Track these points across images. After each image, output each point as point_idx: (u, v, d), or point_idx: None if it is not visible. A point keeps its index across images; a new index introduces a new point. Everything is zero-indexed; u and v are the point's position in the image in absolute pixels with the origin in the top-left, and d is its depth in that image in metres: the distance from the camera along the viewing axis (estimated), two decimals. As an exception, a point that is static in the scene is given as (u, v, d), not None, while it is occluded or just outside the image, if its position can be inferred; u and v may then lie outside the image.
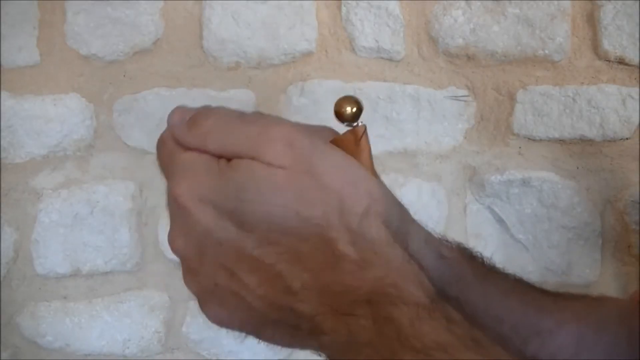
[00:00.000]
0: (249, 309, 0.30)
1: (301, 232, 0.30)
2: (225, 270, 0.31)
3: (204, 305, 0.32)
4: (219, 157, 0.32)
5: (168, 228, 0.33)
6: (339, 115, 0.35)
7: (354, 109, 0.35)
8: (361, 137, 0.35)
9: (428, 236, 0.39)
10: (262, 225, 0.30)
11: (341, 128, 0.35)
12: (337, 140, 0.35)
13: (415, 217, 0.40)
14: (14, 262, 0.86)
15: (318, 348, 0.30)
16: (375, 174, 0.35)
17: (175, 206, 0.32)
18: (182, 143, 0.33)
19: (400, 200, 0.39)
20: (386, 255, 0.30)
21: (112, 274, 0.88)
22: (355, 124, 0.35)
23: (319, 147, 0.32)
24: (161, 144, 0.35)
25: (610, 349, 0.40)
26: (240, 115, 0.33)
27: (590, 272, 0.89)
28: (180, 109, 0.34)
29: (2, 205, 0.85)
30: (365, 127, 0.35)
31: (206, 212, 0.31)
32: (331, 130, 0.37)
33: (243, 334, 0.33)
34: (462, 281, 0.39)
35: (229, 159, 0.32)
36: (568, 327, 0.40)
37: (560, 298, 0.42)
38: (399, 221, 0.36)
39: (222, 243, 0.30)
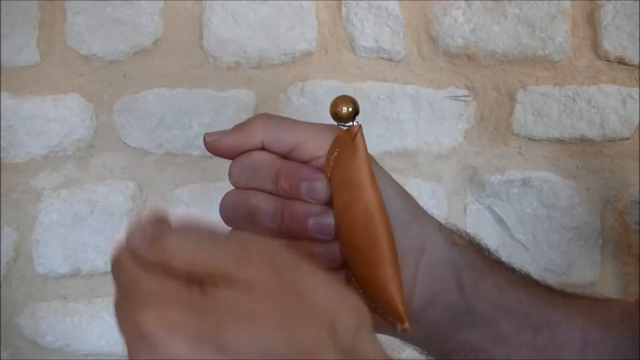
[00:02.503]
0: None
1: (290, 357, 0.27)
2: None
3: None
4: (189, 279, 0.28)
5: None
6: (335, 115, 0.35)
7: (350, 109, 0.35)
8: (355, 136, 0.34)
9: (440, 225, 0.40)
10: (247, 354, 0.27)
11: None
12: (335, 140, 0.35)
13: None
14: (14, 262, 0.86)
15: None
16: (371, 174, 0.35)
17: (138, 336, 0.28)
18: (144, 259, 0.29)
19: (407, 192, 0.40)
20: None
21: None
22: (351, 123, 0.35)
23: (300, 265, 0.30)
24: (118, 261, 0.31)
25: (615, 347, 0.40)
26: (210, 233, 0.30)
27: (590, 272, 0.89)
28: (139, 226, 0.31)
29: (2, 205, 0.85)
30: (360, 126, 0.35)
31: (179, 343, 0.27)
32: (335, 128, 0.37)
33: None
34: (474, 268, 0.39)
35: (200, 282, 0.28)
36: (574, 321, 0.40)
37: (565, 294, 0.42)
38: (411, 213, 0.36)
39: None
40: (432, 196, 0.87)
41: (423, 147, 0.87)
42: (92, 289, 0.88)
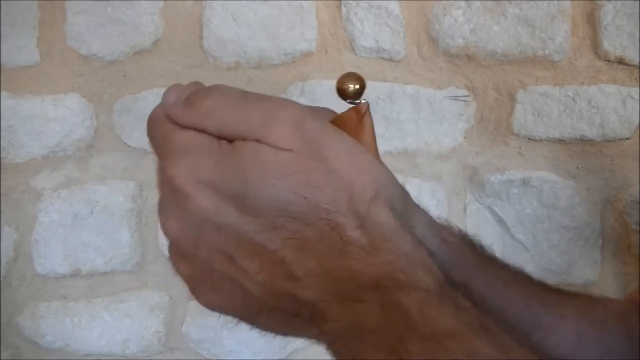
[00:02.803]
0: (246, 295, 0.29)
1: (308, 217, 0.28)
2: (223, 256, 0.29)
3: (195, 290, 0.31)
4: (220, 138, 0.30)
5: (158, 207, 0.31)
6: (342, 92, 0.34)
7: (357, 86, 0.34)
8: (364, 114, 0.34)
9: (431, 220, 0.39)
10: (267, 210, 0.28)
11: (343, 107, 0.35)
12: (339, 118, 0.34)
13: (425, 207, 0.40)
14: (14, 262, 0.86)
15: (318, 335, 0.28)
16: (377, 153, 0.35)
17: (170, 187, 0.30)
18: (179, 122, 0.31)
19: (401, 184, 0.39)
20: (395, 241, 0.29)
21: (112, 274, 0.88)
22: (358, 101, 0.34)
23: (327, 130, 0.30)
24: (154, 121, 0.32)
25: (611, 346, 0.40)
26: (243, 95, 0.31)
27: (590, 272, 0.89)
28: (176, 87, 0.32)
29: (2, 205, 0.85)
30: (368, 104, 0.34)
31: (206, 195, 0.29)
32: (331, 112, 0.37)
33: (236, 320, 0.31)
34: (466, 267, 0.39)
35: (230, 141, 0.30)
36: (569, 322, 0.40)
37: (560, 293, 0.42)
38: (403, 205, 0.36)
39: (223, 227, 0.29)
40: (432, 196, 0.87)
41: (423, 147, 0.87)
42: (92, 289, 0.88)
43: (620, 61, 0.85)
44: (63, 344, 0.88)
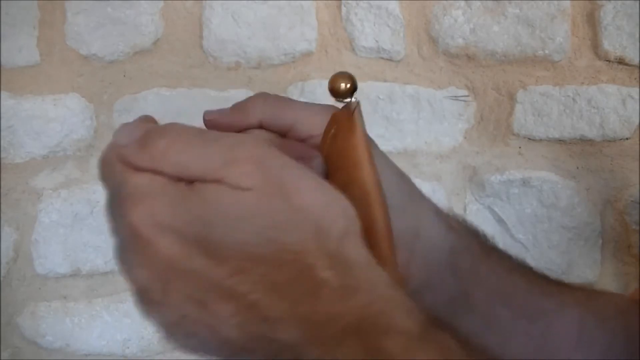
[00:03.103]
0: (223, 338, 0.28)
1: (276, 259, 0.27)
2: (194, 301, 0.28)
3: (170, 337, 0.30)
4: (177, 180, 0.28)
5: (117, 254, 0.30)
6: (333, 91, 0.34)
7: (348, 85, 0.34)
8: (353, 111, 0.34)
9: (437, 209, 0.39)
10: (232, 253, 0.27)
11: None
12: (335, 116, 0.35)
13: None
14: (14, 262, 0.86)
15: None
16: (368, 152, 0.34)
17: (130, 234, 0.28)
18: (132, 165, 0.29)
19: (404, 173, 0.39)
20: (369, 280, 0.28)
21: (112, 274, 0.88)
22: (348, 100, 0.34)
23: (290, 166, 0.29)
24: (106, 164, 0.31)
25: (609, 340, 0.40)
26: (200, 133, 0.30)
27: (590, 272, 0.89)
28: (127, 126, 0.31)
29: (2, 205, 0.85)
30: (358, 102, 0.34)
31: (168, 240, 0.27)
32: (332, 107, 0.36)
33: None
34: (471, 253, 0.39)
35: (189, 182, 0.28)
36: (571, 312, 0.40)
37: (561, 284, 0.42)
38: (408, 195, 0.36)
39: (189, 273, 0.27)
40: (432, 196, 0.86)
41: (423, 147, 0.87)
42: (92, 289, 0.88)
43: (620, 61, 0.85)
44: (63, 344, 0.88)
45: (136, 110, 0.84)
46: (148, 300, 0.29)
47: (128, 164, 0.29)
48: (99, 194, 0.86)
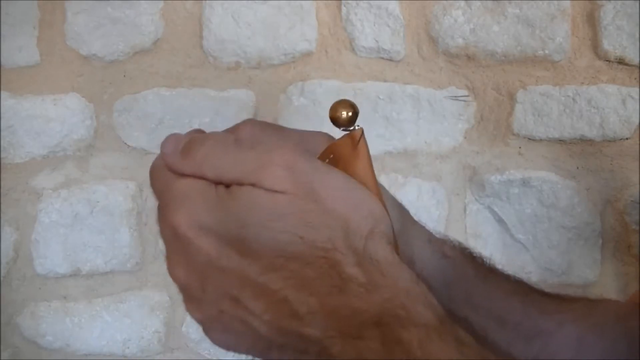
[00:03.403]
0: (255, 334, 0.30)
1: (306, 257, 0.29)
2: (229, 298, 0.30)
3: (208, 332, 0.32)
4: (217, 183, 0.31)
5: (165, 255, 0.32)
6: (335, 120, 0.34)
7: (350, 113, 0.34)
8: (359, 140, 0.34)
9: (431, 236, 0.39)
10: (266, 251, 0.29)
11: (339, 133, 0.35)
12: (334, 145, 0.35)
13: (415, 217, 0.40)
14: (14, 262, 0.86)
15: None
16: (374, 178, 0.35)
17: (173, 235, 0.31)
18: (177, 171, 0.32)
19: (400, 202, 0.39)
20: (394, 277, 0.30)
21: (112, 274, 0.88)
22: (352, 127, 0.34)
23: (320, 169, 0.31)
24: (154, 171, 0.34)
25: (610, 349, 0.40)
26: (237, 141, 0.32)
27: (590, 272, 0.89)
28: (173, 137, 0.33)
29: (2, 205, 0.85)
30: (362, 130, 0.34)
31: (207, 240, 0.30)
32: (327, 136, 0.37)
33: (249, 357, 0.32)
34: (466, 280, 0.39)
35: (227, 186, 0.31)
36: (568, 328, 0.40)
37: (559, 299, 0.42)
38: (401, 224, 0.36)
39: (226, 270, 0.30)
40: (432, 196, 0.87)
41: (423, 147, 0.87)
42: (92, 289, 0.88)
43: (620, 61, 0.85)
44: (63, 344, 0.88)
45: (136, 110, 0.84)
46: (189, 297, 0.32)
47: (173, 170, 0.32)
48: (99, 194, 0.86)
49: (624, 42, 0.84)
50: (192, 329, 0.89)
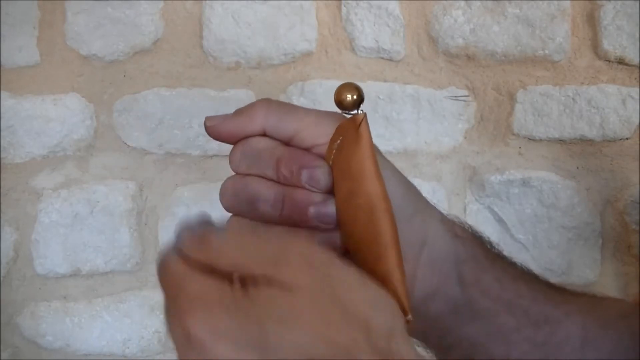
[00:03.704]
0: None
1: (328, 358, 0.28)
2: None
3: None
4: (231, 279, 0.30)
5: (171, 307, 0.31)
6: (339, 103, 0.34)
7: (354, 96, 0.34)
8: (360, 124, 0.34)
9: (442, 217, 0.40)
10: (287, 353, 0.28)
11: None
12: (340, 127, 0.34)
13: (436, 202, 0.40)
14: (14, 262, 0.86)
15: None
16: (375, 164, 0.35)
17: (186, 340, 0.29)
18: (191, 261, 0.31)
19: (412, 183, 0.39)
20: None
21: (112, 274, 0.88)
22: (355, 111, 0.34)
23: (336, 264, 0.30)
24: (166, 264, 0.32)
25: (615, 345, 0.40)
26: (253, 231, 0.31)
27: (590, 272, 0.89)
28: (187, 227, 0.32)
29: (2, 205, 0.85)
30: (365, 114, 0.34)
31: (225, 346, 0.28)
32: (341, 116, 0.36)
33: None
34: (476, 262, 0.39)
35: (243, 283, 0.29)
36: (574, 319, 0.40)
37: (565, 291, 0.42)
38: (415, 205, 0.36)
39: None
40: (432, 196, 0.87)
41: (423, 147, 0.87)
42: (92, 289, 0.88)
43: (620, 61, 0.85)
44: (63, 344, 0.88)
45: (136, 110, 0.84)
46: None
47: (186, 263, 0.30)
48: (99, 194, 0.86)
49: (624, 42, 0.84)
50: (192, 329, 0.89)
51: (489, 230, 0.89)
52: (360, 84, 0.91)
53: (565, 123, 0.86)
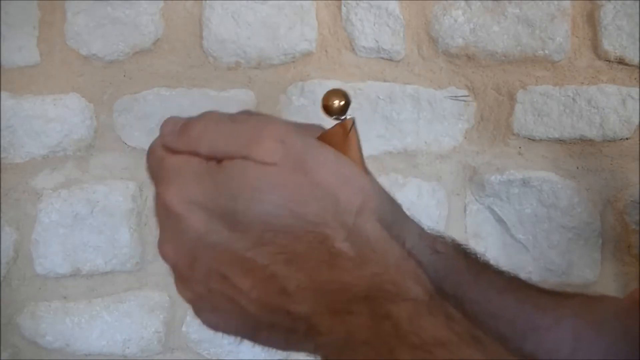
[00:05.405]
0: (244, 313, 0.30)
1: (295, 231, 0.29)
2: (218, 275, 0.30)
3: (198, 312, 0.32)
4: (210, 159, 0.31)
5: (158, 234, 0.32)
6: (327, 108, 0.34)
7: (342, 102, 0.34)
8: (349, 130, 0.34)
9: (422, 231, 0.39)
10: (255, 225, 0.29)
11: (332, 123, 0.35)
12: (325, 135, 0.34)
13: (415, 217, 0.40)
14: (14, 262, 0.86)
15: (314, 350, 0.29)
16: (365, 168, 0.35)
17: (164, 212, 0.31)
18: (172, 149, 0.32)
19: (392, 196, 0.39)
20: (383, 252, 0.30)
21: (112, 274, 0.88)
22: (343, 117, 0.34)
23: (311, 143, 0.31)
24: (150, 152, 0.34)
25: (608, 346, 0.40)
26: (231, 117, 0.33)
27: (590, 272, 0.89)
28: (172, 119, 0.34)
29: (2, 205, 0.85)
30: (353, 120, 0.34)
31: (197, 215, 0.30)
32: (320, 127, 0.36)
33: (239, 338, 0.32)
34: (458, 276, 0.39)
35: (220, 161, 0.31)
36: (566, 324, 0.40)
37: (556, 296, 0.42)
38: (392, 216, 0.36)
39: (215, 247, 0.30)
40: (432, 196, 0.87)
41: (423, 147, 0.87)
42: (92, 289, 0.88)
43: (620, 61, 0.85)
44: (63, 344, 0.88)
45: (136, 110, 0.84)
46: (179, 276, 0.32)
47: (170, 149, 0.32)
48: (99, 194, 0.86)
49: (624, 42, 0.84)
50: (192, 329, 0.89)
51: (489, 230, 0.89)
52: (360, 84, 0.91)
53: (565, 123, 0.86)
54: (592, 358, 0.39)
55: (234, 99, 0.84)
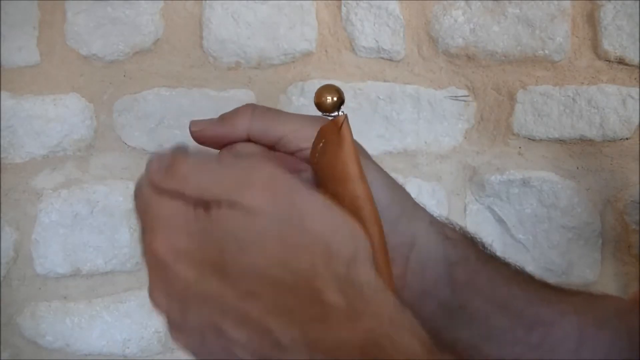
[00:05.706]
0: None
1: (287, 283, 0.28)
2: (211, 326, 0.29)
3: (196, 357, 0.31)
4: (197, 203, 0.30)
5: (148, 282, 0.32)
6: (319, 105, 0.34)
7: (334, 99, 0.34)
8: (341, 126, 0.33)
9: (432, 218, 0.39)
10: (245, 276, 0.28)
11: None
12: (322, 130, 0.34)
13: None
14: (14, 262, 0.86)
15: None
16: (358, 165, 0.34)
17: (152, 260, 0.30)
18: (160, 188, 0.31)
19: (399, 184, 0.39)
20: (377, 303, 0.29)
21: (112, 274, 0.88)
22: (336, 113, 0.34)
23: (299, 190, 0.30)
24: (138, 191, 0.33)
25: (611, 344, 0.39)
26: (219, 158, 0.31)
27: (590, 272, 0.89)
28: (158, 155, 0.33)
29: (2, 205, 0.85)
30: (346, 116, 0.33)
31: (186, 264, 0.29)
32: (321, 119, 0.36)
33: None
34: (467, 263, 0.39)
35: (206, 207, 0.30)
36: (570, 319, 0.40)
37: (561, 291, 0.42)
38: (399, 207, 0.36)
39: (205, 297, 0.29)
40: (432, 196, 0.87)
41: (423, 147, 0.87)
42: (92, 289, 0.88)
43: (620, 61, 0.85)
44: (63, 344, 0.88)
45: (136, 110, 0.84)
46: (172, 324, 0.31)
47: (156, 188, 0.31)
48: (99, 194, 0.86)
49: (624, 42, 0.84)
50: (192, 329, 0.89)
51: (489, 230, 0.89)
52: (360, 84, 0.91)
53: (565, 123, 0.86)
54: (595, 355, 0.39)
55: (234, 99, 0.84)
